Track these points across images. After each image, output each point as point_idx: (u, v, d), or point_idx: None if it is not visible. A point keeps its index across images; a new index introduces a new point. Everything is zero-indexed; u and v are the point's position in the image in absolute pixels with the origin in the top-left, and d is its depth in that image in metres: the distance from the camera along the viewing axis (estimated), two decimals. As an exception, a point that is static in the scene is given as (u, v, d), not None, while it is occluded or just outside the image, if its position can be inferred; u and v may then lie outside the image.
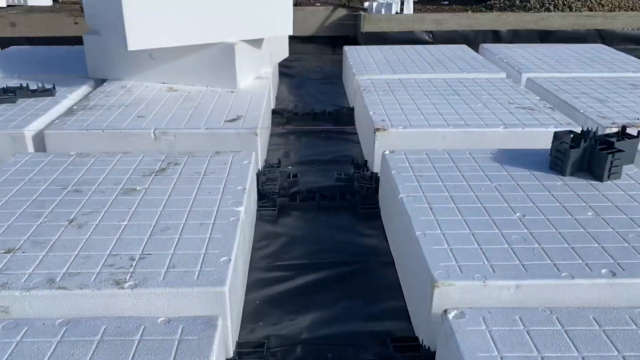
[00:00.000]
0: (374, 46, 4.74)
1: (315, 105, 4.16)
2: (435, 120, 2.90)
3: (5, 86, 3.18)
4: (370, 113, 3.00)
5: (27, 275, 1.57)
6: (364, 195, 2.65)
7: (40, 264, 1.62)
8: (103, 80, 3.60)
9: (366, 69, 3.95)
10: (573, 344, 1.33)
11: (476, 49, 4.72)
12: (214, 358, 1.30)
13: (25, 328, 1.38)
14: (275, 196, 2.63)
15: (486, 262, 1.63)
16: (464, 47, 4.68)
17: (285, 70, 5.10)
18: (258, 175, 2.72)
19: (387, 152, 2.45)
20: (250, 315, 1.88)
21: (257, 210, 2.53)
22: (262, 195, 2.63)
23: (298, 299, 1.97)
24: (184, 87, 3.45)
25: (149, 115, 2.93)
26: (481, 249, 1.71)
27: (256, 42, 3.61)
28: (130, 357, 1.28)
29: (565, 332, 1.37)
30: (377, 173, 2.78)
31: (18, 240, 1.74)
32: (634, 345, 1.32)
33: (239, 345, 1.69)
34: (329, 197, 2.66)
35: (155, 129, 2.75)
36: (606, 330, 1.37)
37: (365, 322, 1.84)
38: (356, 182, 2.74)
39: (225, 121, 2.89)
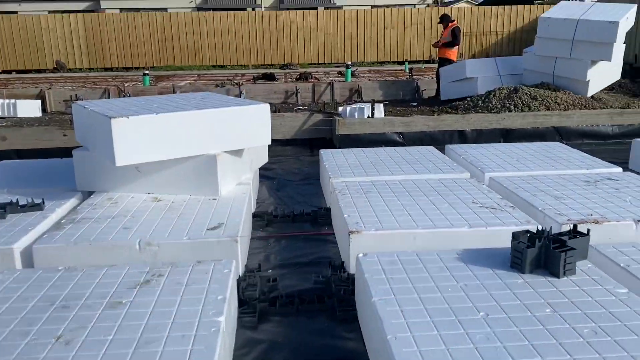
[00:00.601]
0: (348, 149, 5.04)
1: (294, 206, 4.36)
2: (405, 222, 3.10)
3: (-5, 202, 3.33)
4: (345, 216, 3.19)
5: (15, 395, 1.63)
6: (341, 297, 2.76)
7: (28, 383, 1.69)
8: (91, 192, 3.77)
9: (341, 172, 4.20)
10: None
11: (443, 149, 5.05)
12: None
13: None
14: (255, 302, 2.73)
15: (452, 363, 1.74)
16: (431, 148, 5.00)
17: (265, 172, 5.36)
18: (239, 281, 2.83)
19: (360, 255, 2.61)
20: None
21: (238, 318, 2.62)
22: (242, 302, 2.72)
23: (278, 406, 2.03)
24: (168, 196, 3.63)
25: (135, 227, 3.08)
26: (448, 349, 1.82)
27: (237, 152, 3.86)
28: None
29: None
30: (353, 274, 2.91)
31: (6, 360, 1.81)
32: None
33: None
34: (308, 300, 2.77)
35: (140, 241, 2.89)
36: None
37: None
38: (333, 284, 2.86)
39: (207, 229, 3.04)
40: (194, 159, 3.58)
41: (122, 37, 18.47)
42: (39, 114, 8.84)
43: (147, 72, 12.03)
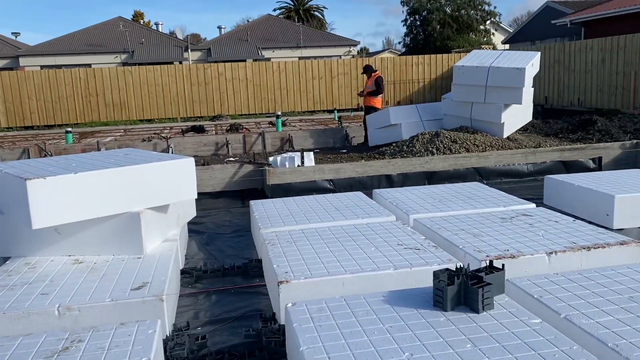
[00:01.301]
0: (278, 199, 5.08)
1: (224, 260, 4.31)
2: (333, 268, 3.14)
3: None
4: (274, 266, 3.20)
5: None
6: (272, 349, 2.74)
7: None
8: (6, 259, 3.57)
9: (271, 222, 4.22)
10: None
11: (371, 194, 5.20)
12: None
13: None
14: (183, 362, 2.65)
15: (379, 406, 1.77)
16: (359, 193, 5.14)
17: (194, 227, 5.28)
18: (166, 341, 2.74)
19: (289, 305, 2.61)
20: None
21: (166, 379, 2.53)
22: (170, 362, 2.64)
23: None
24: (90, 257, 3.50)
25: (54, 292, 2.94)
26: (374, 393, 1.84)
27: (162, 208, 3.80)
28: None
29: None
30: (284, 325, 2.90)
31: None
32: None
33: None
34: (238, 356, 2.72)
35: (59, 306, 2.75)
36: None
37: None
38: (264, 337, 2.83)
39: (130, 290, 2.95)
40: (116, 217, 3.49)
41: (43, 94, 17.89)
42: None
43: (69, 129, 11.67)
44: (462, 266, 2.58)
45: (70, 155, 4.29)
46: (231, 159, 8.51)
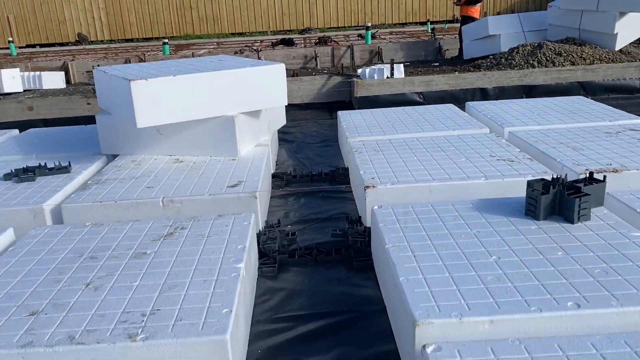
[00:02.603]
0: (366, 110, 5.04)
1: (312, 167, 4.41)
2: (421, 176, 3.12)
3: (25, 166, 3.46)
4: (361, 172, 3.24)
5: (49, 334, 1.75)
6: (358, 248, 2.83)
7: (61, 324, 1.80)
8: (115, 156, 3.89)
9: (358, 132, 4.22)
10: (538, 369, 1.48)
11: (463, 108, 5.01)
12: (217, 397, 1.45)
13: (50, 379, 1.55)
14: (275, 254, 2.82)
15: (463, 301, 1.80)
16: (451, 105, 4.97)
17: (284, 136, 5.42)
18: (259, 235, 2.92)
19: (375, 207, 2.66)
20: (253, 365, 2.03)
21: (259, 268, 2.71)
22: (262, 254, 2.82)
23: (297, 348, 2.12)
24: (189, 158, 3.72)
25: (158, 186, 3.18)
26: (459, 289, 1.87)
27: (254, 113, 3.91)
28: (143, 400, 1.44)
29: (532, 359, 1.52)
30: (369, 227, 2.97)
31: (41, 304, 1.94)
32: (592, 367, 1.47)
33: (242, 391, 1.83)
34: (325, 252, 2.84)
35: (163, 198, 2.99)
36: (569, 356, 1.52)
37: (359, 365, 1.99)
38: (350, 236, 2.93)
39: (227, 187, 3.13)
40: (212, 120, 3.65)
41: (141, 7, 18.50)
42: (63, 85, 9.02)
43: (166, 41, 12.07)
44: (559, 176, 2.47)
45: (169, 61, 4.47)
46: (320, 71, 8.46)
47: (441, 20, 17.88)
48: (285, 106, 4.25)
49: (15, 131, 4.88)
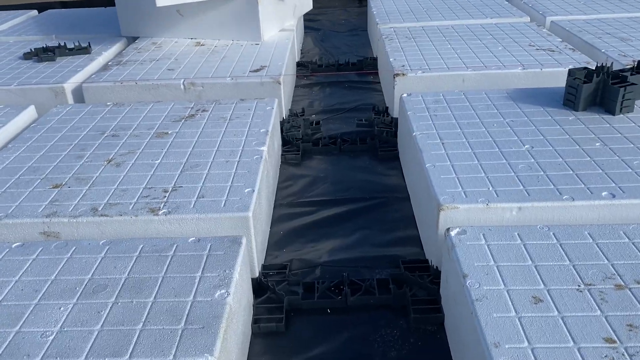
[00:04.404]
0: (399, -4, 4.72)
1: (339, 57, 4.23)
2: (454, 64, 2.95)
3: (45, 45, 3.37)
4: (391, 59, 3.07)
5: (73, 205, 1.76)
6: (384, 138, 2.75)
7: (84, 197, 1.81)
8: (135, 38, 3.76)
9: (389, 18, 3.98)
10: (566, 254, 1.44)
11: (503, -5, 4.65)
12: (239, 269, 1.46)
13: (74, 247, 1.57)
14: (298, 142, 2.76)
15: (491, 188, 1.74)
16: (490, -8, 4.61)
17: (310, 24, 5.16)
18: (282, 123, 2.85)
19: (404, 95, 2.54)
20: (275, 244, 2.05)
21: (282, 155, 2.67)
22: (286, 141, 2.76)
23: (319, 230, 2.13)
24: (211, 41, 3.57)
25: (179, 68, 3.08)
26: (487, 177, 1.81)
27: (279, -5, 3.68)
28: (165, 268, 1.46)
29: (560, 245, 1.47)
30: (397, 118, 2.87)
31: (64, 177, 1.94)
32: (623, 254, 1.42)
33: (264, 267, 1.86)
34: (350, 141, 2.77)
35: (184, 80, 2.90)
36: (599, 243, 1.47)
37: (380, 248, 1.99)
38: (376, 126, 2.84)
39: (249, 71, 3.01)
40: (235, 1, 3.45)
41: None
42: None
43: None
44: (603, 63, 2.29)
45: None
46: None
47: None
48: (312, -10, 4.00)
49: (34, 12, 4.74)
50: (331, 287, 1.75)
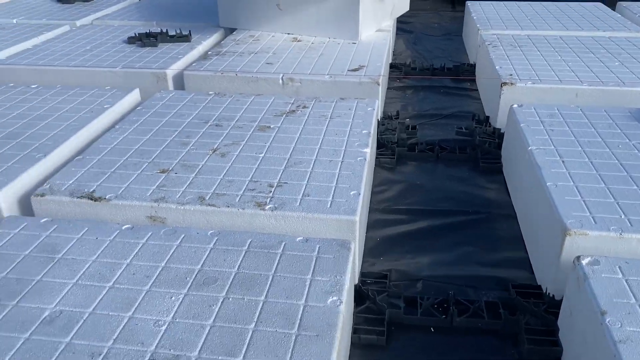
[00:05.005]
0: (499, 1, 4.53)
1: (433, 60, 4.10)
2: (566, 77, 2.77)
3: (148, 31, 3.46)
4: (497, 67, 2.92)
5: (180, 192, 1.76)
6: (486, 149, 2.61)
7: (191, 184, 1.81)
8: (232, 30, 3.79)
9: (491, 25, 3.81)
10: None
11: (613, 8, 4.36)
12: (349, 276, 1.40)
13: (183, 235, 1.56)
14: (393, 145, 2.67)
15: (623, 216, 1.58)
16: (599, 4, 4.34)
17: (402, 26, 5.06)
18: (377, 125, 2.76)
19: (515, 105, 2.40)
20: (371, 251, 1.97)
21: (376, 158, 2.59)
22: (380, 144, 2.68)
23: (417, 241, 2.03)
24: (307, 37, 3.54)
25: (277, 63, 3.07)
26: (617, 203, 1.65)
27: (380, -6, 3.61)
28: (274, 266, 1.41)
29: None
30: (499, 129, 2.73)
31: (170, 163, 1.95)
32: None
33: (362, 274, 1.79)
34: (449, 149, 2.66)
35: (283, 75, 2.88)
36: None
37: (485, 267, 1.87)
38: (478, 136, 2.71)
39: (348, 70, 2.95)
40: (336, -2, 3.40)
41: None
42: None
43: None
44: None
45: None
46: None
47: None
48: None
49: (136, -2, 4.90)
50: (434, 304, 1.65)
